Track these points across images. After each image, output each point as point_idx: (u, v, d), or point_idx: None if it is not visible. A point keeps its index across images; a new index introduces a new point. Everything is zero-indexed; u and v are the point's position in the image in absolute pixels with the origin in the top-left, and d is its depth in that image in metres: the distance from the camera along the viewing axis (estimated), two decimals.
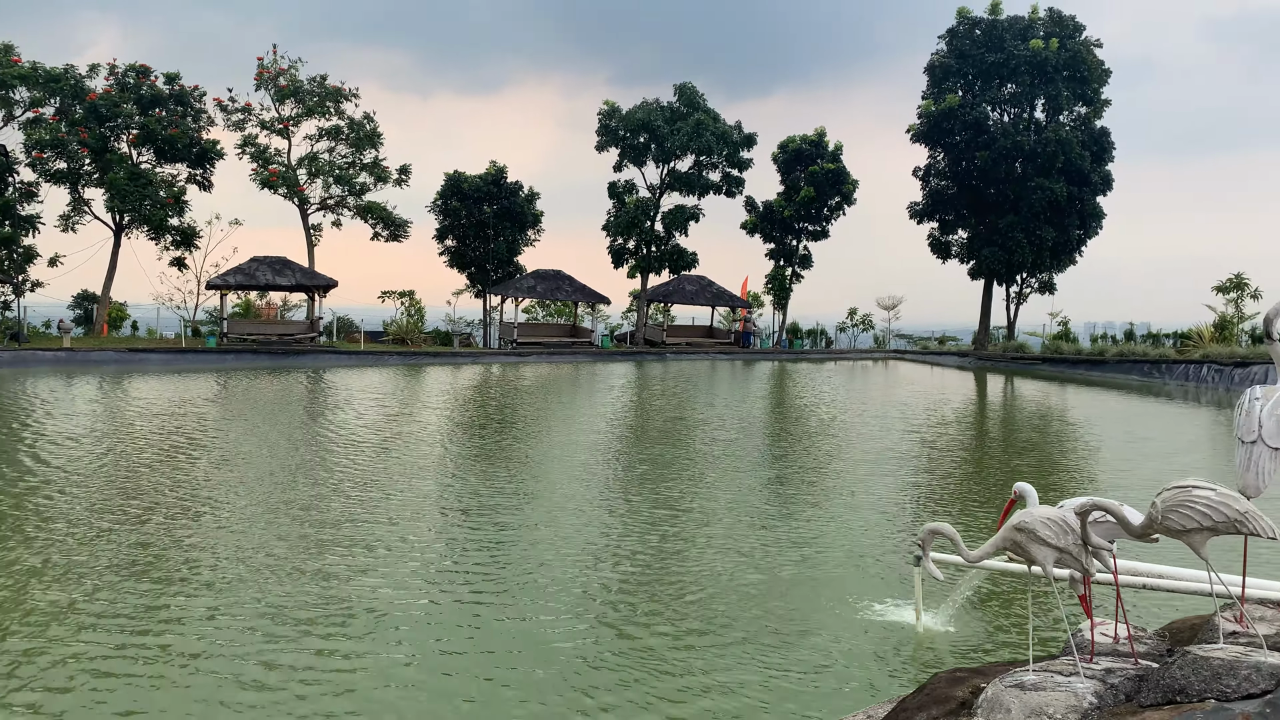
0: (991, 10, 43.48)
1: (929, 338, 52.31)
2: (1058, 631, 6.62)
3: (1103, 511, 2.77)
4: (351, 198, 42.58)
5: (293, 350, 35.82)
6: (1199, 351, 33.44)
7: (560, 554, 8.69)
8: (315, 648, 6.27)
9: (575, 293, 45.15)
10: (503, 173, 44.85)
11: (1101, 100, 42.95)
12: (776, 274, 49.80)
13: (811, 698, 5.64)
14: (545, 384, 28.08)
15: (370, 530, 9.34)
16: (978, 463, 14.91)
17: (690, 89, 46.18)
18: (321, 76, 41.62)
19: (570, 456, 14.49)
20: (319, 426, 17.26)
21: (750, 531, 9.70)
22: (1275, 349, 2.97)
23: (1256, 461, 2.73)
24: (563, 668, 6.02)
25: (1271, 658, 2.42)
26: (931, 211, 46.16)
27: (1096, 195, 43.04)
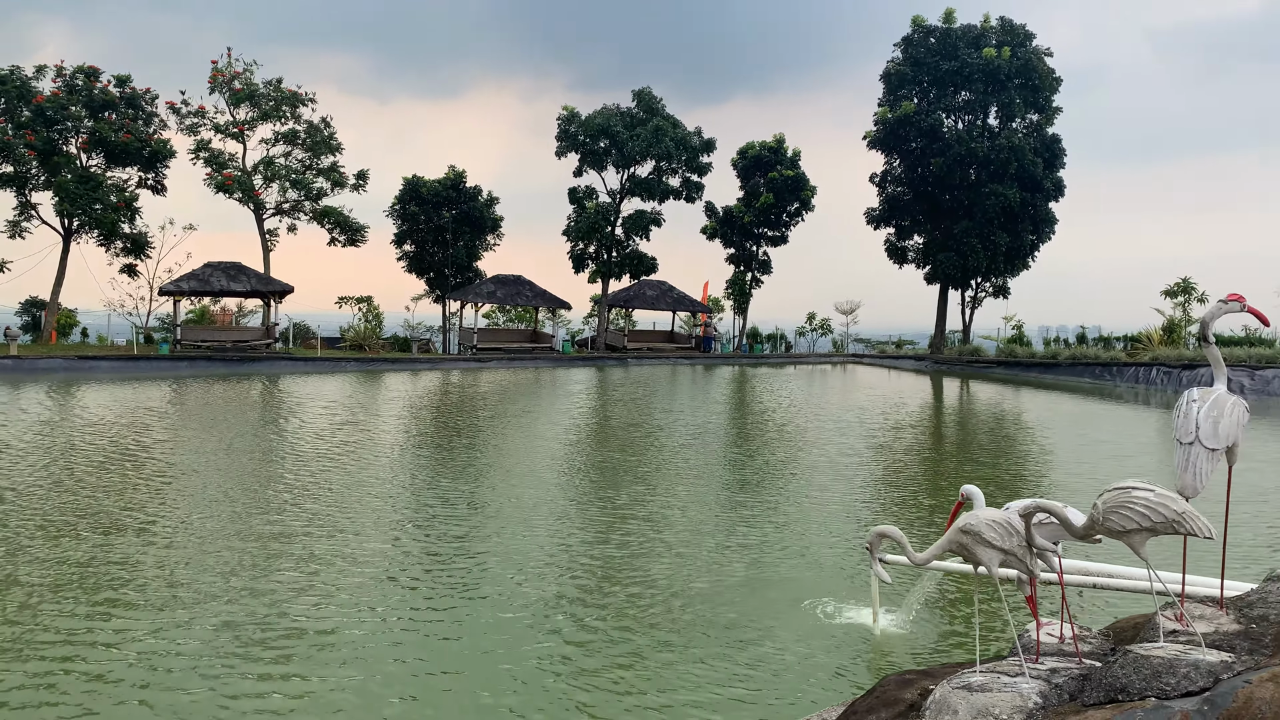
0: (945, 19, 44.11)
1: (886, 342, 52.87)
2: (1008, 632, 6.69)
3: (1046, 513, 2.81)
4: (308, 202, 42.13)
5: (248, 357, 35.31)
6: (1148, 354, 34.14)
7: (514, 564, 8.63)
8: (260, 672, 6.03)
9: (536, 298, 45.01)
10: (462, 177, 44.62)
11: (1053, 108, 43.73)
12: (736, 279, 50.07)
13: (767, 700, 5.65)
14: (505, 390, 27.93)
15: (320, 544, 9.18)
16: (932, 465, 15.07)
17: (649, 94, 46.33)
18: (277, 80, 41.16)
19: (528, 464, 14.42)
20: (272, 435, 17.01)
21: (707, 536, 9.71)
22: (1211, 352, 3.03)
23: (1194, 462, 2.78)
24: (517, 673, 5.97)
25: (1209, 655, 2.47)
26: (888, 217, 46.68)
27: (1049, 201, 43.81)
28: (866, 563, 7.57)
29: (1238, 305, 2.92)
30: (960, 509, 3.45)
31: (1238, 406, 2.85)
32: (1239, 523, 10.13)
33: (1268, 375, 28.57)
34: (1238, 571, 7.29)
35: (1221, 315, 3.00)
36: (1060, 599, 3.33)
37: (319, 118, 42.28)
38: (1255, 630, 2.77)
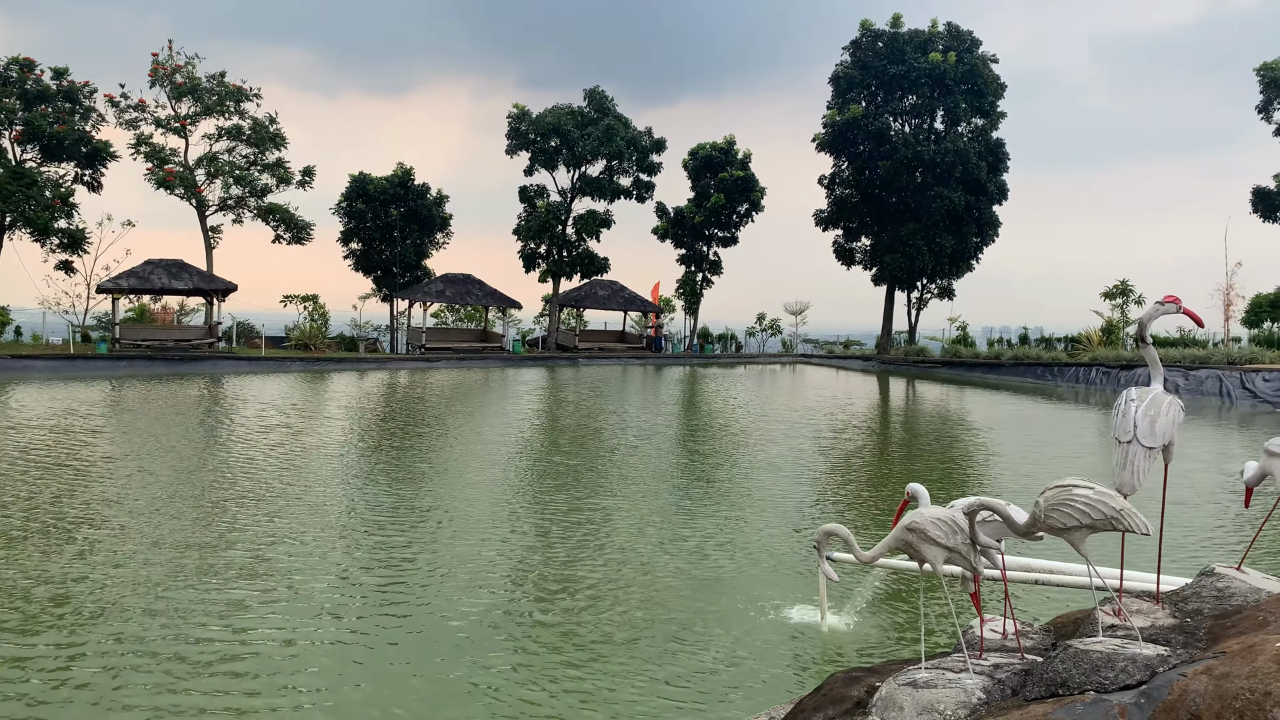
0: (893, 23, 44.70)
1: (834, 342, 53.43)
2: (954, 629, 6.79)
3: (990, 511, 2.85)
4: (252, 199, 41.34)
5: (190, 356, 34.56)
6: (1088, 355, 34.96)
7: (457, 568, 8.55)
8: (202, 688, 5.95)
9: (486, 297, 44.69)
10: (410, 175, 44.14)
11: (997, 113, 44.56)
12: (687, 279, 50.22)
13: (715, 700, 5.66)
14: (453, 390, 27.70)
15: (259, 552, 8.98)
16: (880, 464, 15.25)
17: (600, 94, 46.28)
18: (221, 74, 40.32)
19: (473, 466, 14.28)
20: (209, 437, 16.65)
21: (655, 536, 9.72)
22: (1148, 352, 3.10)
23: (1132, 460, 2.84)
24: (458, 677, 5.92)
25: (1146, 649, 2.52)
26: (836, 219, 47.20)
27: (992, 204, 44.63)
28: (814, 561, 7.63)
29: (1173, 307, 2.99)
30: (906, 507, 3.49)
31: (1173, 406, 2.92)
32: (1175, 519, 10.41)
33: (1201, 375, 29.42)
34: (1174, 567, 7.48)
35: (1158, 317, 3.08)
36: (1004, 595, 3.39)
37: (264, 113, 41.58)
38: (1190, 624, 2.84)
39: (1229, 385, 28.30)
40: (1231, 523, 10.47)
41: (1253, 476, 3.39)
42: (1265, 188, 35.34)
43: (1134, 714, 2.22)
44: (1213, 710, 2.08)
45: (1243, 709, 2.04)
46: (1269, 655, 2.19)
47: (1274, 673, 2.09)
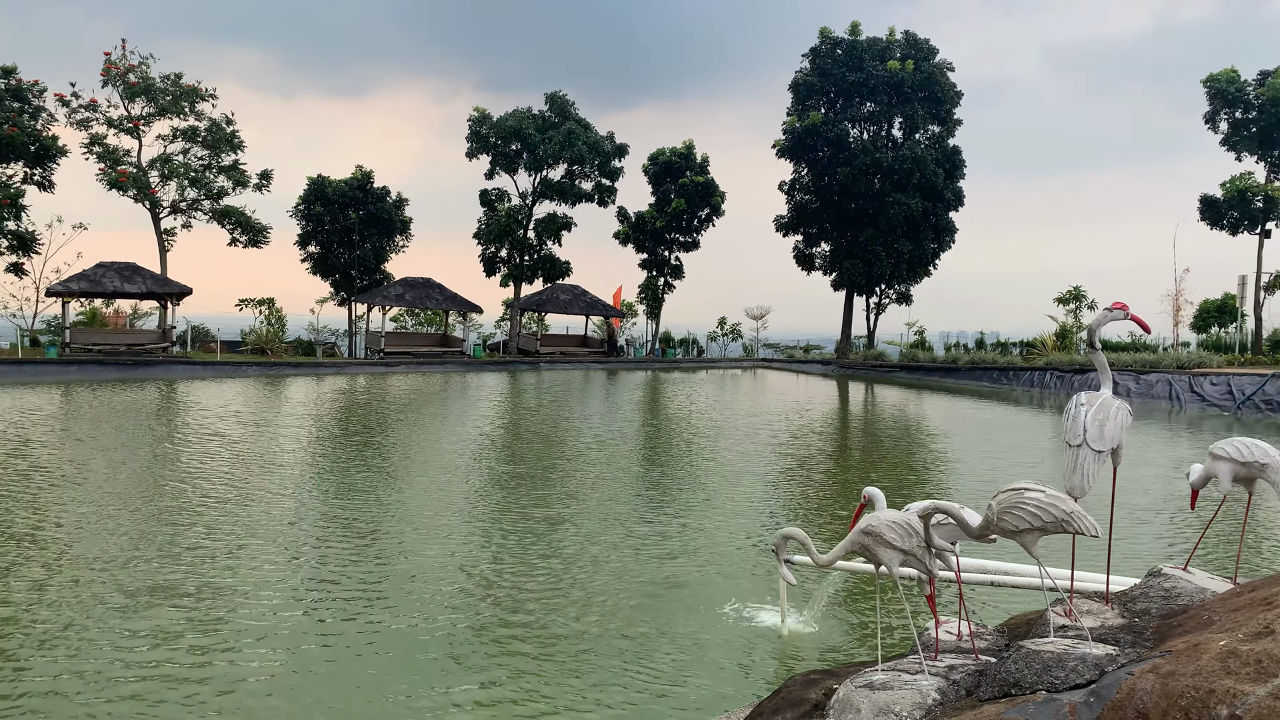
0: (852, 31, 45.18)
1: (795, 346, 53.81)
2: (910, 630, 6.86)
3: (944, 514, 2.89)
4: (208, 201, 40.71)
5: (143, 361, 33.92)
6: (1043, 359, 35.55)
7: (415, 574, 8.48)
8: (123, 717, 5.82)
9: (446, 301, 44.40)
10: (369, 177, 43.77)
11: (954, 120, 45.20)
12: (649, 284, 50.30)
13: (675, 703, 5.67)
14: (412, 395, 27.47)
15: (211, 564, 8.87)
16: (839, 468, 15.38)
17: (561, 98, 46.23)
18: (176, 75, 39.68)
19: (431, 474, 14.16)
20: (159, 444, 16.34)
21: (616, 541, 9.71)
22: (1097, 357, 3.17)
23: (1082, 464, 2.90)
24: (418, 681, 5.87)
25: (1096, 649, 2.57)
26: (796, 224, 47.55)
27: (949, 210, 45.25)
28: (774, 565, 7.67)
29: (1121, 313, 3.05)
30: (863, 510, 3.53)
31: (1121, 410, 2.98)
32: (1125, 521, 10.62)
33: (1151, 379, 30.04)
34: (1123, 567, 7.63)
35: (1107, 322, 3.14)
36: (959, 597, 3.44)
37: (220, 114, 40.98)
38: (1138, 624, 2.90)
39: (1178, 389, 28.93)
40: (1179, 524, 10.70)
41: (1198, 479, 3.47)
42: (1212, 196, 36.19)
43: (1083, 713, 2.26)
44: (1159, 708, 2.12)
45: (1188, 706, 2.08)
46: (1213, 654, 2.24)
47: (1218, 671, 2.14)
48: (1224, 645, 2.26)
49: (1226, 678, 2.10)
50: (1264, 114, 34.78)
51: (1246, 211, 35.41)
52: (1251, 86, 35.41)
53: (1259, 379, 26.89)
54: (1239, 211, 35.50)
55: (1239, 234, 36.14)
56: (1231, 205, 35.50)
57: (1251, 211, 35.35)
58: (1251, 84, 35.46)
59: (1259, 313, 36.03)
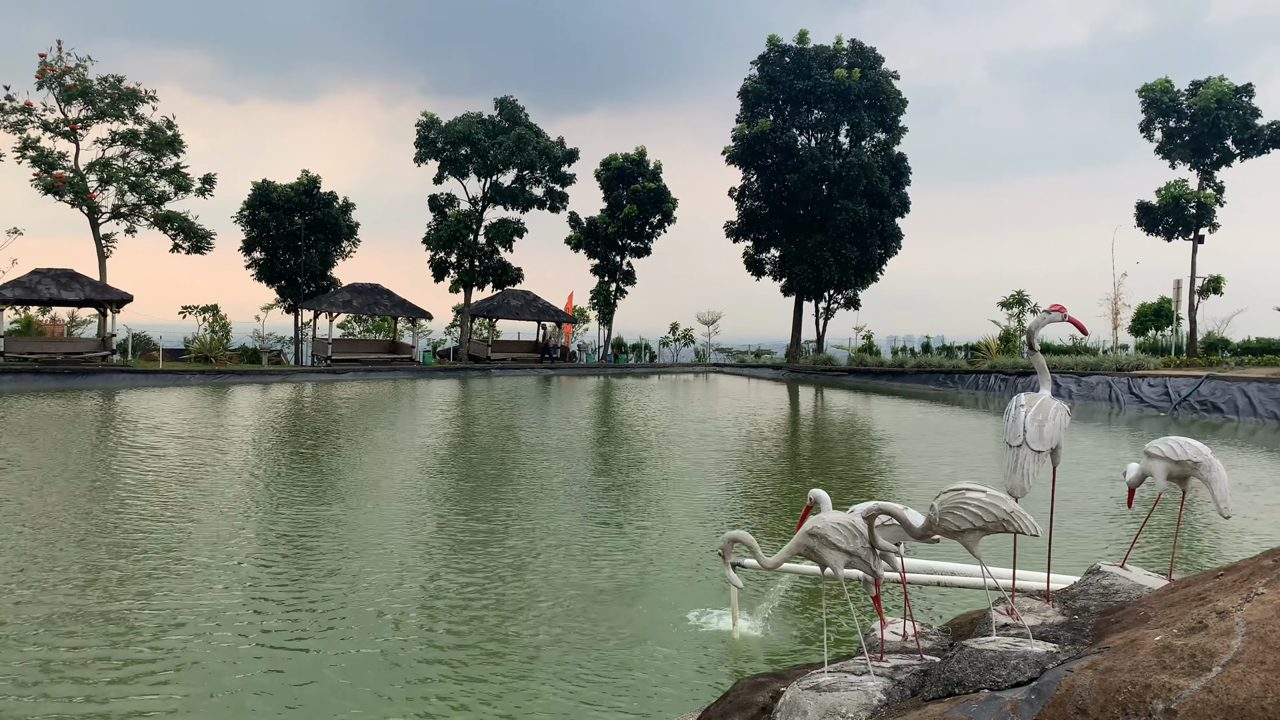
0: (800, 39, 45.66)
1: (746, 351, 54.16)
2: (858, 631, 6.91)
3: (888, 515, 2.92)
4: (149, 206, 39.79)
5: (81, 370, 33.01)
6: (987, 362, 36.21)
7: (367, 585, 8.36)
8: None
9: (394, 307, 43.94)
10: (315, 182, 43.18)
11: (899, 128, 45.89)
12: (601, 289, 50.27)
13: (624, 708, 5.65)
14: (359, 403, 27.12)
15: (132, 586, 8.66)
16: (789, 471, 15.49)
17: (511, 103, 46.05)
18: (115, 77, 38.76)
19: (379, 483, 13.96)
20: (92, 456, 15.92)
21: (569, 546, 9.67)
22: (1036, 359, 3.22)
23: (1021, 464, 2.94)
24: (369, 690, 5.77)
25: (1036, 647, 2.60)
26: (746, 230, 47.91)
27: (895, 217, 45.92)
28: (723, 568, 7.67)
29: (1059, 315, 3.10)
30: (809, 513, 3.55)
31: (1060, 411, 3.03)
32: (1065, 519, 10.84)
33: (1092, 381, 30.75)
34: (1064, 566, 7.77)
35: (1045, 325, 3.19)
36: (904, 598, 3.47)
37: (161, 117, 40.10)
38: (1077, 621, 2.95)
39: (1117, 391, 29.64)
40: (1118, 522, 10.94)
41: (1134, 477, 3.55)
42: (1148, 202, 37.18)
43: (1024, 710, 2.29)
44: (1097, 704, 2.16)
45: (1125, 701, 2.11)
46: (1149, 649, 2.28)
47: (1154, 666, 2.18)
48: (1159, 640, 2.31)
49: (1162, 672, 2.13)
50: (1196, 123, 35.84)
51: (1180, 218, 36.43)
52: (1184, 96, 36.47)
53: (1194, 380, 27.66)
54: (1173, 218, 36.51)
55: (1174, 239, 37.17)
56: (1166, 211, 36.50)
57: (1185, 218, 36.38)
58: (1184, 94, 36.52)
59: (1193, 316, 37.09)
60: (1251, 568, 2.56)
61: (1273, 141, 35.33)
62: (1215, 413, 26.11)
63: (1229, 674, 2.03)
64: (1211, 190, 36.51)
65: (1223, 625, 2.23)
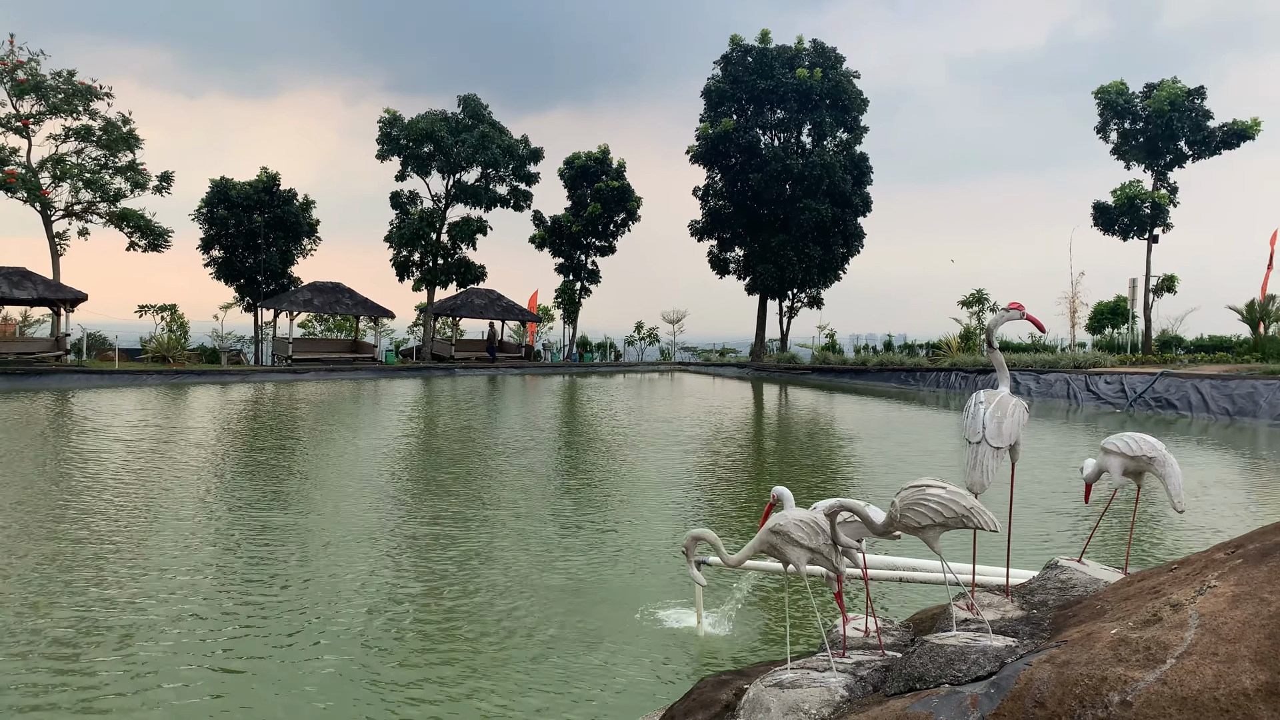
0: (762, 39, 45.89)
1: (711, 350, 54.35)
2: (820, 628, 6.95)
3: (850, 512, 2.93)
4: (104, 204, 39.04)
5: (35, 371, 32.33)
6: (948, 360, 36.63)
7: (327, 584, 8.27)
8: None
9: (356, 306, 43.52)
10: (275, 180, 42.66)
11: (861, 127, 46.28)
12: (566, 288, 50.18)
13: (589, 708, 5.64)
14: (320, 403, 26.83)
15: (101, 591, 8.51)
16: (754, 468, 15.55)
17: (475, 101, 45.80)
18: (69, 72, 38.00)
19: (341, 484, 13.82)
20: (44, 459, 15.61)
21: (534, 545, 9.63)
22: (995, 357, 3.25)
23: (981, 460, 2.97)
24: (325, 690, 5.71)
25: (996, 641, 2.63)
26: (710, 229, 48.07)
27: (857, 216, 46.31)
28: (687, 567, 7.67)
29: (1017, 314, 3.14)
30: (772, 510, 3.56)
31: (1018, 407, 3.06)
32: (1025, 515, 10.99)
33: (1050, 379, 31.22)
34: (1025, 560, 7.88)
35: (1004, 323, 3.23)
36: (865, 594, 3.49)
37: (116, 113, 39.35)
38: (1036, 615, 2.99)
39: (1075, 388, 30.12)
40: (1077, 517, 11.12)
41: (1091, 473, 3.60)
42: (1104, 203, 37.82)
43: (984, 704, 2.31)
44: (1055, 696, 2.18)
45: (1081, 694, 2.14)
46: (1105, 642, 2.31)
47: (1110, 659, 2.21)
48: (1115, 634, 2.34)
49: (1118, 665, 2.16)
50: (1150, 125, 36.51)
51: (1136, 218, 37.10)
52: (1139, 99, 37.15)
53: (1149, 377, 28.18)
54: (1129, 218, 37.18)
55: (1129, 239, 37.86)
56: (1122, 212, 37.16)
57: (1140, 218, 37.06)
58: (1139, 96, 37.19)
59: (1148, 314, 37.80)
60: (1204, 561, 2.61)
61: (1224, 143, 36.11)
62: (1169, 409, 26.63)
63: (1182, 666, 2.07)
64: (1165, 191, 37.22)
65: (1176, 618, 2.27)
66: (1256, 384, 24.91)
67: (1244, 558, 2.46)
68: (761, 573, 7.78)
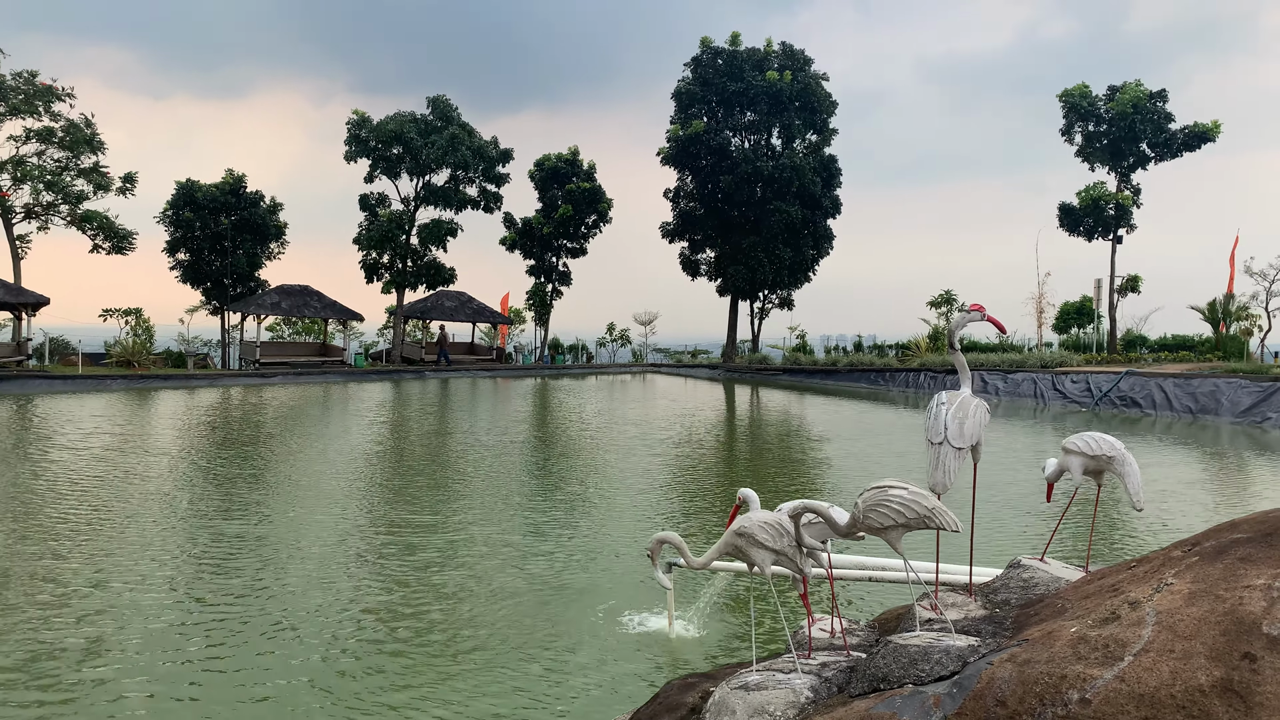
0: (732, 41, 46.05)
1: (683, 351, 54.43)
2: (786, 629, 6.97)
3: (814, 513, 2.94)
4: (66, 206, 38.43)
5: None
6: (917, 360, 36.92)
7: (294, 589, 8.18)
8: None
9: (325, 309, 43.16)
10: (241, 182, 42.23)
11: (830, 130, 46.57)
12: (537, 290, 50.06)
13: (557, 712, 5.61)
14: (288, 407, 26.57)
15: (62, 601, 8.37)
16: (725, 470, 15.58)
17: (444, 101, 45.57)
18: (30, 72, 37.38)
19: (302, 491, 13.70)
20: (10, 465, 15.35)
21: (505, 549, 9.59)
22: (957, 357, 3.28)
23: (943, 461, 2.99)
24: (289, 696, 5.65)
25: (959, 641, 2.65)
26: (682, 231, 48.17)
27: (827, 218, 46.59)
28: (663, 568, 7.66)
29: (978, 315, 3.16)
30: (738, 512, 3.56)
31: (980, 408, 3.09)
32: (991, 514, 11.09)
33: (1018, 379, 31.55)
34: (991, 559, 7.95)
35: (965, 324, 3.25)
36: (831, 595, 3.51)
37: (79, 114, 38.77)
38: (998, 614, 3.01)
39: (1042, 387, 30.46)
40: (1041, 516, 11.23)
41: (1053, 472, 3.64)
42: (1069, 204, 38.31)
43: (946, 704, 2.32)
44: (1016, 695, 2.20)
45: (1042, 692, 2.16)
46: (1065, 640, 2.33)
47: (1069, 657, 2.23)
48: (1075, 632, 2.36)
49: (1077, 663, 2.18)
50: (1114, 127, 37.04)
51: (1100, 219, 37.62)
52: (1102, 101, 37.67)
53: (1114, 376, 28.57)
54: (1093, 219, 37.69)
55: (1094, 240, 38.37)
56: (1087, 213, 37.66)
57: (1105, 219, 37.58)
58: (1102, 99, 37.73)
59: (1113, 314, 38.35)
60: (1162, 559, 2.64)
61: (1185, 145, 36.71)
62: (1134, 407, 27.01)
63: (1140, 663, 2.09)
64: (1129, 192, 37.77)
65: (1134, 615, 2.29)
66: (1218, 382, 25.33)
67: (1200, 555, 2.49)
68: (733, 575, 7.80)
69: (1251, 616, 2.08)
